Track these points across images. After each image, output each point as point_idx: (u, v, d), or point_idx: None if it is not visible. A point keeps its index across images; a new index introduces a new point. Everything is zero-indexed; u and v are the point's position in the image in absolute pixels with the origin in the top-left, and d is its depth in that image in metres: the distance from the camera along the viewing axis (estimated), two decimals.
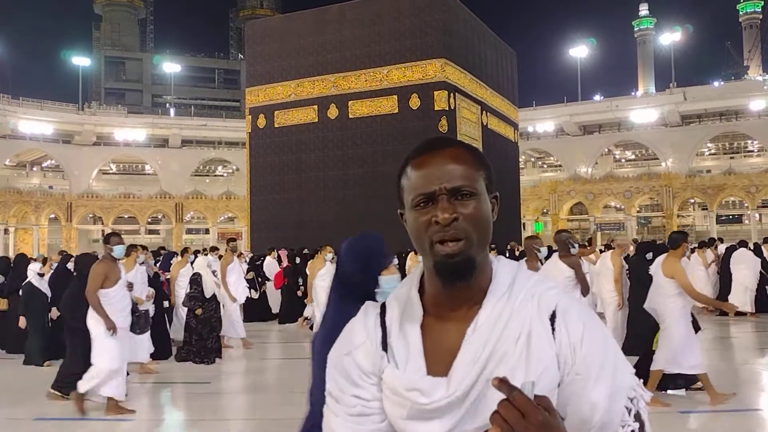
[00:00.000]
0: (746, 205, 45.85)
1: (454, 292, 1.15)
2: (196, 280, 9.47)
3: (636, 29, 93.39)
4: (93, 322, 6.43)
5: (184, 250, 11.82)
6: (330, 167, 24.15)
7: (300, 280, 13.86)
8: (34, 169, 55.33)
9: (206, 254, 13.33)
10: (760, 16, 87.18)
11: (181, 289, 10.31)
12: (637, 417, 1.08)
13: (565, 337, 1.10)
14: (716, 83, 56.53)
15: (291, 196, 24.67)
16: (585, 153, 53.39)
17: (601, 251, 13.41)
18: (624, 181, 48.69)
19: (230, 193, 53.57)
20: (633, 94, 65.20)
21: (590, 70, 77.33)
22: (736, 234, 36.78)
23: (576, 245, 6.53)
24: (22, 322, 9.31)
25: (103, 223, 49.84)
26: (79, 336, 6.75)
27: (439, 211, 1.10)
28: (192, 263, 10.69)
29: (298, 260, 14.60)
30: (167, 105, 72.30)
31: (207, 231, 52.51)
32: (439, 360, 1.12)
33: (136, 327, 6.65)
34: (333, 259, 10.32)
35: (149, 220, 51.81)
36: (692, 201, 48.94)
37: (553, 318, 1.12)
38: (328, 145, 24.28)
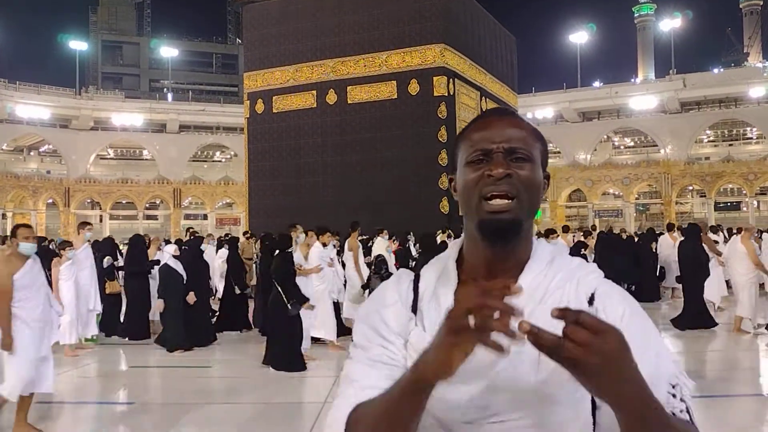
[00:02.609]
0: (744, 192, 45.85)
1: (494, 256, 1.14)
2: (383, 260, 9.49)
3: (636, 15, 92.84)
4: None
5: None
6: (328, 153, 24.08)
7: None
8: (32, 153, 55.12)
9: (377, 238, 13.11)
10: (761, 3, 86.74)
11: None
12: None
13: (603, 316, 1.06)
14: (716, 70, 56.37)
15: (289, 181, 24.62)
16: (584, 140, 53.26)
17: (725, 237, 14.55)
18: (622, 168, 48.64)
19: (228, 178, 53.44)
20: (632, 80, 64.99)
21: (590, 56, 77.04)
22: (734, 221, 36.81)
23: None
24: (160, 305, 9.03)
25: (101, 209, 49.78)
26: None
27: (493, 165, 1.11)
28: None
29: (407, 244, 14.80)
30: (165, 90, 71.97)
31: (205, 217, 52.48)
32: None
33: None
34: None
35: (147, 205, 51.71)
36: (691, 188, 48.94)
37: (591, 301, 1.11)
38: (327, 131, 24.19)
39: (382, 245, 9.95)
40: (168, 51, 69.36)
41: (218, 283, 13.08)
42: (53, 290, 8.89)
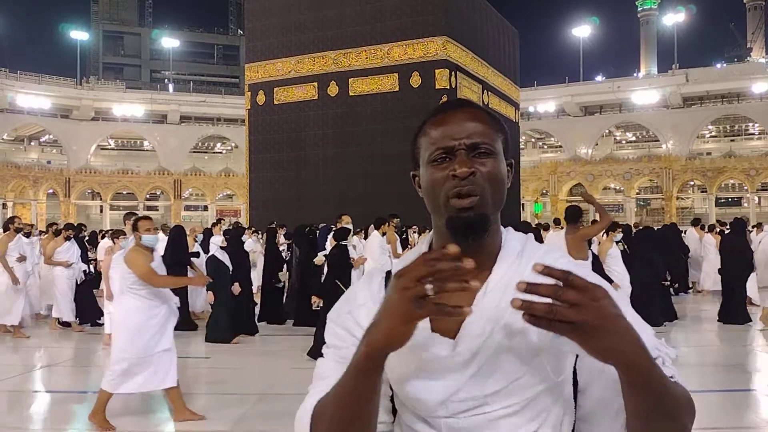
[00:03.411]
0: (746, 188, 45.83)
1: (464, 253, 1.11)
2: None
3: (639, 9, 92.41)
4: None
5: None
6: (330, 145, 24.03)
7: None
8: (32, 143, 55.11)
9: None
10: None
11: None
12: None
13: None
14: (719, 65, 56.19)
15: (290, 173, 24.57)
16: (585, 134, 53.22)
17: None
18: (624, 163, 48.60)
19: (229, 170, 53.43)
20: (635, 75, 64.76)
21: (592, 50, 76.73)
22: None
23: None
24: (211, 297, 8.94)
25: (101, 199, 49.78)
26: None
27: (457, 164, 1.10)
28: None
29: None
30: (166, 80, 71.80)
31: (206, 208, 52.51)
32: (445, 324, 1.08)
33: None
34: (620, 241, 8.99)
35: (147, 196, 51.68)
36: (692, 183, 48.91)
37: None
38: (328, 123, 24.12)
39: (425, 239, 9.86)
40: (169, 41, 69.20)
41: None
42: (104, 279, 8.80)
